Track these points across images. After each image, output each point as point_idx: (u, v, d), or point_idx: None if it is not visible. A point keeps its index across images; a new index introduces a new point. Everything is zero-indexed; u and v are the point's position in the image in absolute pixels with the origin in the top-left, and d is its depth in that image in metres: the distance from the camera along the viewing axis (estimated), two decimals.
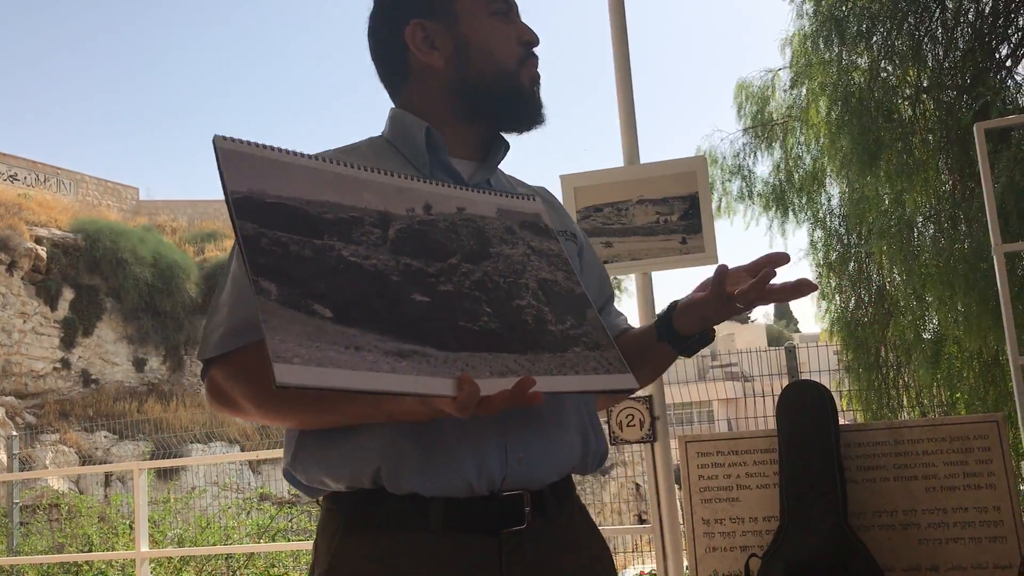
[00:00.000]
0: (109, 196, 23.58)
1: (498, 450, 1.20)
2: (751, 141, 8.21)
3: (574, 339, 1.15)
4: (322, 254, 1.04)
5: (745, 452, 2.70)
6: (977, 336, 5.57)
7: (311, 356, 0.93)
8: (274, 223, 1.03)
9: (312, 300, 0.99)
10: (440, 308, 1.07)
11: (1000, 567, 2.40)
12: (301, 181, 1.09)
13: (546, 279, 1.21)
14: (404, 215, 1.14)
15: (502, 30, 1.38)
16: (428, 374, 0.99)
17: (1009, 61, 6.25)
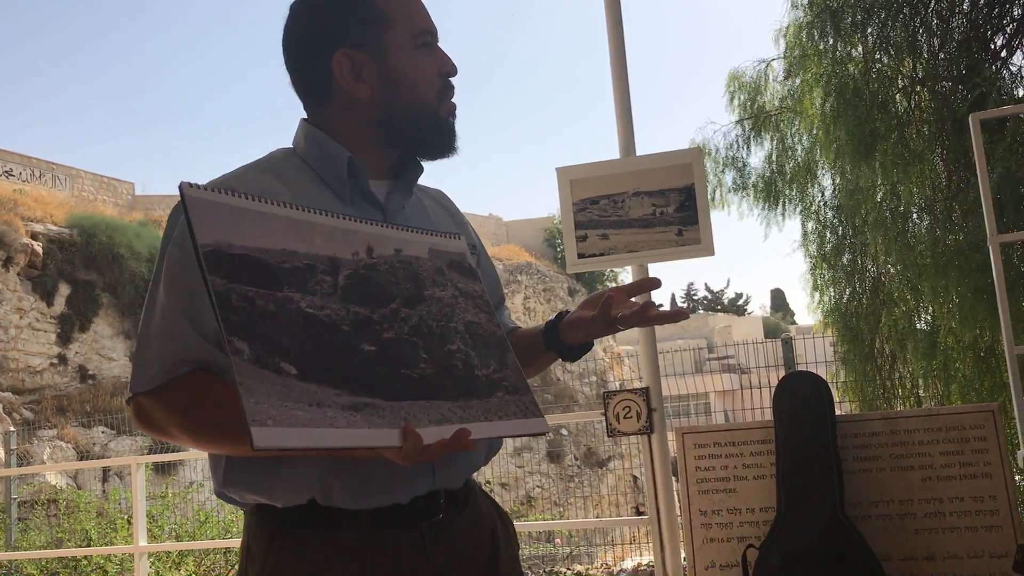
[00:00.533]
0: (105, 191, 23.53)
1: (426, 471, 1.34)
2: (744, 132, 8.20)
3: (496, 384, 1.24)
4: (283, 307, 1.09)
5: (742, 443, 2.71)
6: (972, 326, 5.58)
7: (282, 417, 0.99)
8: (240, 277, 1.07)
9: (279, 358, 1.04)
10: (385, 357, 1.14)
11: (996, 555, 2.41)
12: (259, 229, 1.13)
13: (471, 322, 1.29)
14: (350, 259, 1.19)
15: (426, 64, 1.42)
16: (378, 426, 1.06)
17: (1004, 52, 6.24)
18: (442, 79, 1.44)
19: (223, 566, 8.39)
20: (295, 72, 1.45)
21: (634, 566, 8.37)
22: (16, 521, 10.45)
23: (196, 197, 1.09)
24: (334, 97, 1.42)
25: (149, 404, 1.29)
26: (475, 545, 1.42)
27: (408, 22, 1.42)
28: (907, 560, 2.48)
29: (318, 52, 1.40)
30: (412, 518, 1.33)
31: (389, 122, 1.42)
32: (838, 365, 7.94)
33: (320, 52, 1.39)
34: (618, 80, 3.09)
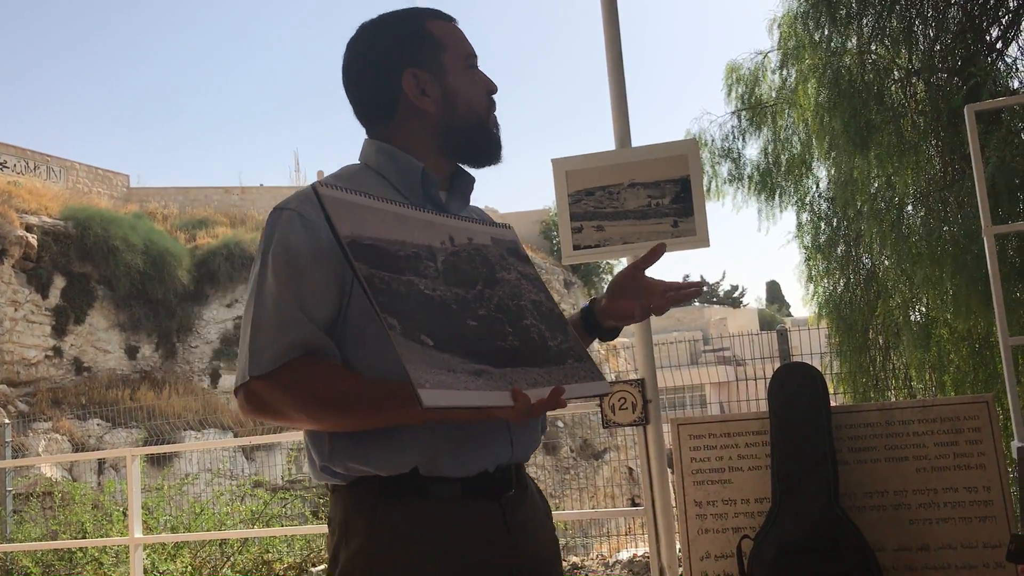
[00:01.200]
0: (99, 183, 23.46)
1: (506, 442, 1.51)
2: (740, 124, 8.19)
3: (566, 353, 1.39)
4: (410, 288, 1.24)
5: (737, 434, 2.71)
6: (966, 318, 5.58)
7: (435, 381, 1.15)
8: (375, 263, 1.23)
9: (419, 332, 1.19)
10: (485, 330, 1.29)
11: (990, 546, 2.42)
12: (378, 222, 1.29)
13: (535, 300, 1.43)
14: (440, 247, 1.35)
15: (475, 81, 1.64)
16: (492, 389, 1.21)
17: (1000, 43, 6.24)
18: (488, 96, 1.65)
19: (218, 558, 8.39)
20: (366, 90, 1.63)
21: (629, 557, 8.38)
22: (11, 513, 10.43)
23: (330, 195, 1.25)
24: (400, 112, 1.60)
25: (264, 388, 1.40)
26: (537, 522, 1.60)
27: (459, 46, 1.64)
28: (901, 551, 2.49)
29: (389, 71, 1.59)
30: (494, 490, 1.50)
31: (448, 133, 1.60)
32: (832, 357, 7.95)
33: (391, 71, 1.59)
34: (614, 72, 3.09)
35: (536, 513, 1.61)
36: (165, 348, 17.23)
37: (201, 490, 10.57)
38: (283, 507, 9.19)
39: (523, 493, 1.58)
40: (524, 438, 1.56)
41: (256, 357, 1.40)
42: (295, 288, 1.41)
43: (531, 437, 1.58)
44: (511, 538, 1.50)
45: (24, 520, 10.16)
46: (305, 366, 1.39)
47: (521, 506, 1.56)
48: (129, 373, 16.57)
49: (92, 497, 9.73)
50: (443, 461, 1.44)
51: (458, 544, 1.44)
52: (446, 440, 1.43)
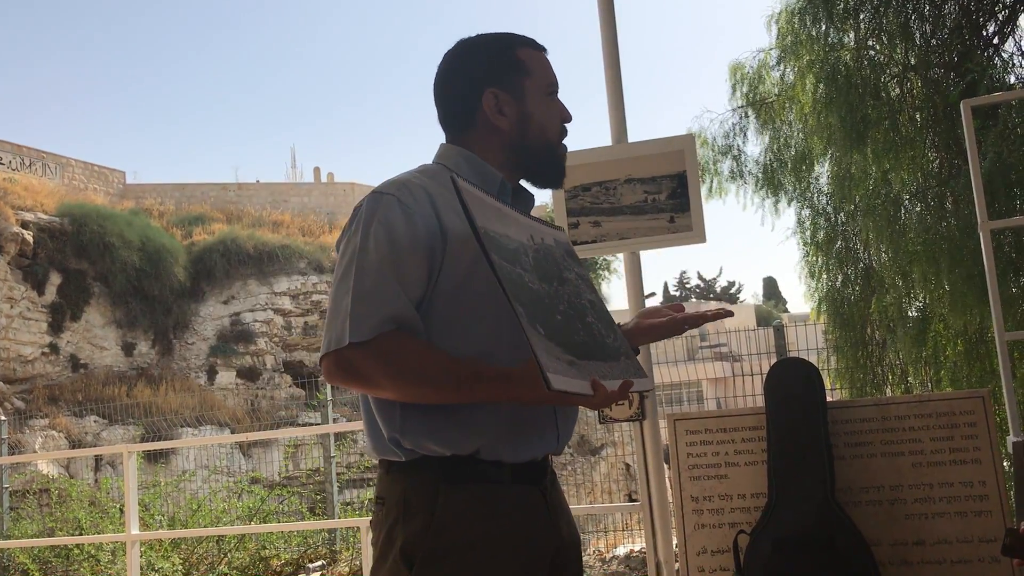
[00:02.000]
0: (96, 180, 23.43)
1: (553, 432, 1.64)
2: (741, 121, 8.19)
3: (620, 350, 1.50)
4: (521, 279, 1.35)
5: (733, 430, 2.71)
6: (962, 313, 5.59)
7: (553, 366, 1.26)
8: (499, 254, 1.34)
9: (535, 320, 1.30)
10: (567, 324, 1.39)
11: (985, 541, 2.42)
12: (492, 216, 1.41)
13: (591, 300, 1.53)
14: (528, 244, 1.46)
15: (552, 109, 1.76)
16: (580, 378, 1.30)
17: (996, 38, 6.24)
18: (562, 125, 1.77)
19: (215, 554, 8.39)
20: (451, 100, 1.75)
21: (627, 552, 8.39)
22: (8, 510, 10.43)
23: (467, 188, 1.37)
24: (478, 125, 1.72)
25: (358, 356, 1.47)
26: (564, 505, 1.72)
27: (543, 74, 1.76)
28: (897, 545, 2.49)
29: (473, 88, 1.71)
30: (537, 476, 1.62)
31: (518, 151, 1.72)
32: (829, 352, 7.96)
33: (474, 88, 1.71)
34: (610, 67, 3.08)
35: (562, 498, 1.73)
36: (162, 345, 17.21)
37: (198, 487, 10.56)
38: (280, 503, 9.19)
39: (553, 479, 1.71)
40: (567, 431, 1.68)
41: (356, 324, 1.47)
42: (396, 266, 1.50)
43: (571, 431, 1.70)
44: (553, 520, 1.62)
45: (21, 517, 10.15)
46: (401, 338, 1.48)
47: (554, 491, 1.68)
48: (126, 370, 16.55)
49: (89, 494, 9.73)
50: (503, 446, 1.55)
51: (515, 527, 1.55)
52: (509, 426, 1.55)
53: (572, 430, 1.70)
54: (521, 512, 1.58)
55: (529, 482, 1.60)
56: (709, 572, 2.65)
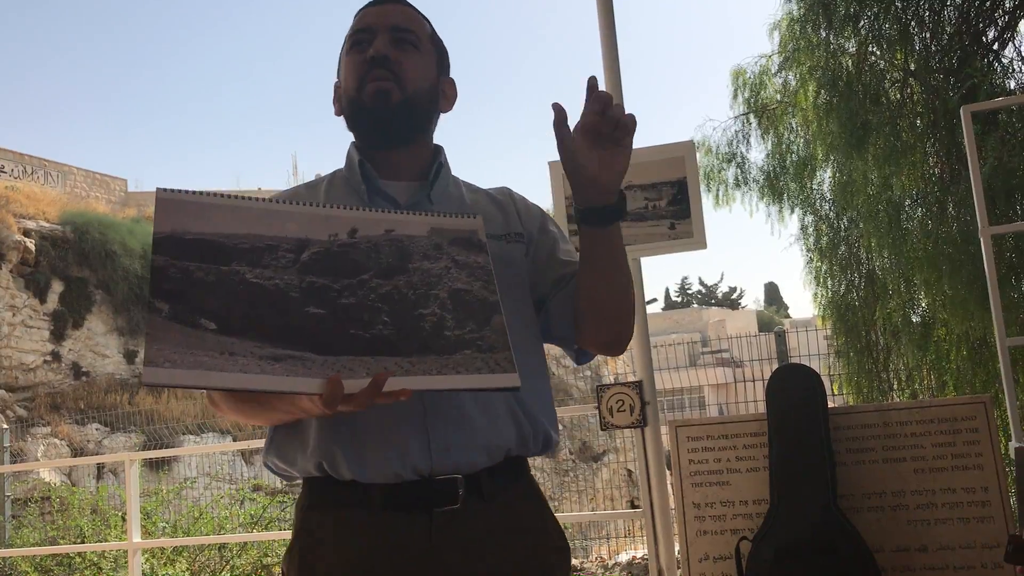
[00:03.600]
0: (97, 188, 23.47)
1: (420, 443, 1.39)
2: (744, 128, 8.20)
3: (467, 342, 1.29)
4: (225, 278, 1.23)
5: (735, 436, 2.71)
6: (965, 318, 5.59)
7: (182, 360, 1.15)
8: (187, 255, 1.23)
9: (199, 316, 1.20)
10: (333, 319, 1.25)
11: (988, 547, 2.42)
12: (226, 219, 1.28)
13: (460, 289, 1.35)
14: (324, 240, 1.31)
15: (353, 62, 1.54)
16: (299, 375, 1.18)
17: (996, 44, 6.25)
18: (364, 64, 1.52)
19: (217, 562, 8.38)
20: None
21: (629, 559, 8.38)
22: (10, 519, 10.42)
23: (164, 197, 1.28)
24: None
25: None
26: (497, 549, 1.42)
27: (351, 30, 1.58)
28: (899, 552, 2.49)
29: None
30: (423, 501, 1.39)
31: (349, 127, 1.58)
32: (833, 358, 7.95)
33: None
34: (610, 74, 3.09)
35: (509, 537, 1.44)
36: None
37: (200, 494, 10.56)
38: (282, 511, 9.17)
39: (483, 508, 1.42)
40: (460, 437, 1.41)
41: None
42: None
43: (480, 435, 1.42)
44: (439, 556, 1.38)
45: (23, 525, 10.15)
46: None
47: (472, 524, 1.40)
48: (128, 377, 16.55)
49: (91, 502, 9.72)
50: (342, 461, 1.39)
51: (370, 558, 1.38)
52: (348, 438, 1.40)
53: (479, 436, 1.42)
54: (382, 543, 1.38)
55: (408, 509, 1.39)
56: None
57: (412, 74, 1.53)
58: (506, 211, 1.63)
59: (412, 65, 1.53)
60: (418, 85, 1.54)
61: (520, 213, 1.64)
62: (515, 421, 1.46)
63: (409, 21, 1.57)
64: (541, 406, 1.52)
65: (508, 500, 1.46)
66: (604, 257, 1.47)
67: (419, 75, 1.54)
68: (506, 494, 1.46)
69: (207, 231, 1.27)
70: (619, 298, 1.50)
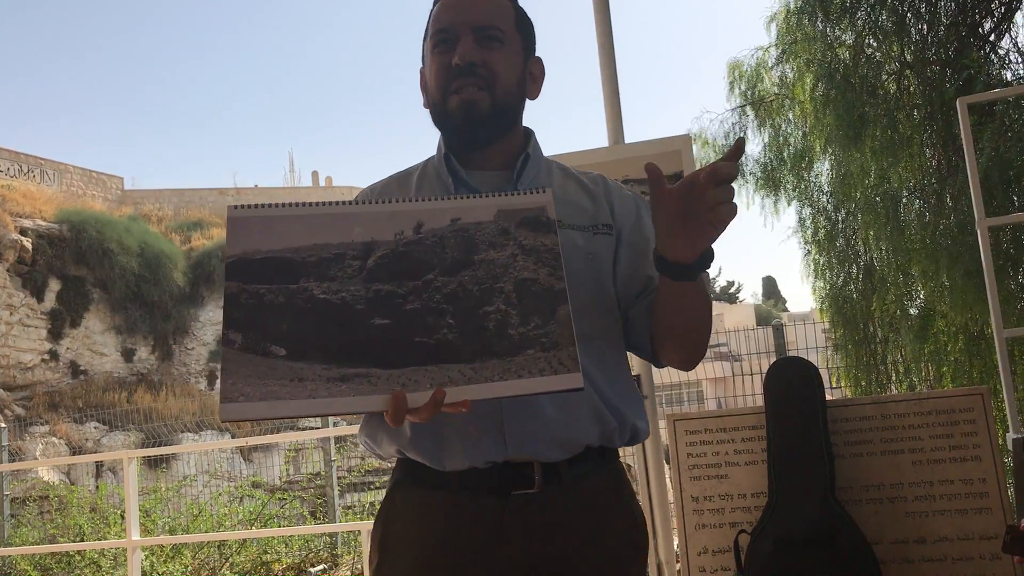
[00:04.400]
0: (94, 186, 23.43)
1: (495, 439, 1.40)
2: (741, 120, 8.19)
3: (532, 340, 1.26)
4: (293, 297, 1.25)
5: (733, 429, 2.71)
6: (962, 310, 5.59)
7: (255, 392, 1.18)
8: (258, 277, 1.25)
9: (270, 343, 1.22)
10: (398, 328, 1.25)
11: (985, 538, 2.42)
12: (294, 231, 1.29)
13: (526, 279, 1.31)
14: (391, 240, 1.30)
15: (436, 63, 1.52)
16: (365, 393, 1.20)
17: (992, 35, 6.25)
18: (449, 70, 1.49)
19: (217, 559, 8.38)
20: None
21: None
22: (9, 517, 10.42)
23: (233, 216, 1.29)
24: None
25: None
26: (568, 535, 1.43)
27: (430, 28, 1.55)
28: (898, 544, 2.49)
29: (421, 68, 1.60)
30: (500, 485, 1.41)
31: (436, 124, 1.56)
32: (831, 351, 7.96)
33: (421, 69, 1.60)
34: (606, 68, 3.08)
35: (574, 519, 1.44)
36: (161, 350, 17.22)
37: (199, 492, 10.56)
38: (281, 507, 9.19)
39: (563, 492, 1.44)
40: (521, 436, 1.41)
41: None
42: None
43: (557, 431, 1.42)
44: (510, 536, 1.40)
45: (22, 524, 10.15)
46: None
47: (550, 507, 1.42)
48: (126, 376, 16.55)
49: (90, 500, 9.73)
50: (419, 452, 1.44)
51: (443, 536, 1.42)
52: (422, 430, 1.42)
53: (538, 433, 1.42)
54: (457, 522, 1.42)
55: (485, 492, 1.42)
56: (710, 572, 2.65)
57: (503, 76, 1.50)
58: (597, 200, 1.59)
59: (502, 66, 1.50)
60: (508, 86, 1.51)
61: (613, 204, 1.59)
62: (597, 415, 1.45)
63: (491, 15, 1.52)
64: (625, 397, 1.50)
65: (589, 488, 1.46)
66: (679, 299, 1.41)
67: (509, 74, 1.52)
68: (587, 482, 1.46)
69: (276, 247, 1.27)
70: (695, 330, 1.49)
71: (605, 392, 1.46)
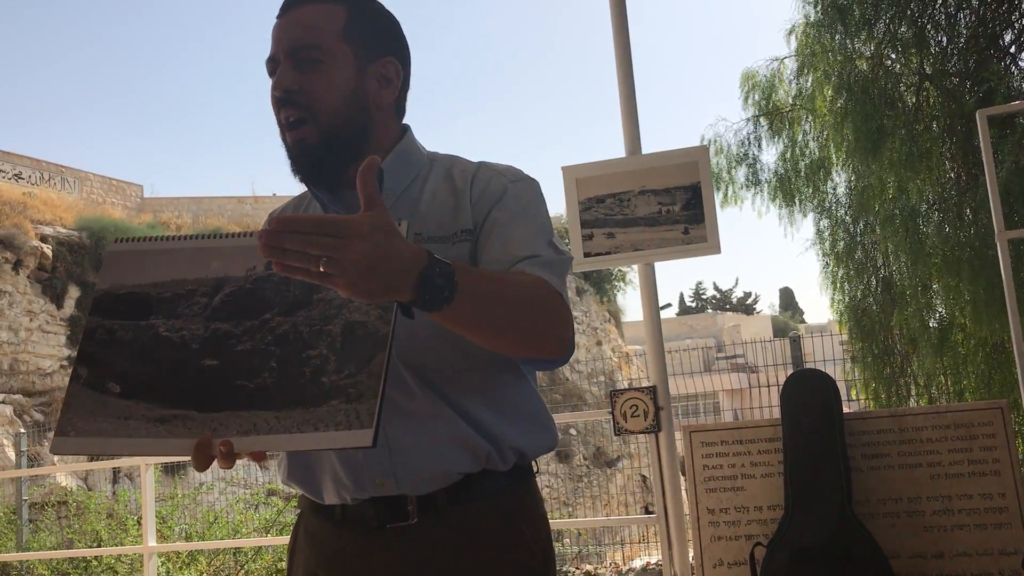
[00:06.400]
0: (113, 194, 23.62)
1: (363, 475, 1.38)
2: (756, 129, 8.18)
3: (339, 390, 1.17)
4: (140, 334, 1.24)
5: (749, 441, 2.70)
6: (983, 323, 5.56)
7: (86, 428, 1.20)
8: (115, 313, 1.26)
9: (109, 379, 1.23)
10: (225, 369, 1.21)
11: (1005, 553, 2.40)
12: (159, 266, 1.28)
13: (355, 322, 1.22)
14: (241, 276, 1.25)
15: (272, 97, 1.42)
16: (180, 436, 1.18)
17: (1013, 47, 6.22)
18: (275, 103, 1.41)
19: (232, 567, 8.40)
20: None
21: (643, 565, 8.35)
22: (27, 522, 10.48)
23: (108, 251, 1.30)
24: None
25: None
26: (446, 565, 1.37)
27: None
28: (916, 558, 2.47)
29: None
30: (374, 519, 1.39)
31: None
32: (849, 363, 7.92)
33: None
34: (623, 78, 3.09)
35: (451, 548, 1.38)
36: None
37: (215, 498, 10.59)
38: (296, 515, 9.20)
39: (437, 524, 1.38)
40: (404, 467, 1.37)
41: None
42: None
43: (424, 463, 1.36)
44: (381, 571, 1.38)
45: (40, 529, 10.21)
46: None
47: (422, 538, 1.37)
48: None
49: (107, 506, 9.77)
50: (297, 485, 1.48)
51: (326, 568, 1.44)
52: (300, 464, 1.46)
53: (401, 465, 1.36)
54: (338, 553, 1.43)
55: (361, 524, 1.40)
56: None
57: (323, 98, 1.39)
58: (461, 201, 1.45)
59: (321, 87, 1.39)
60: (333, 107, 1.39)
61: (473, 201, 1.44)
62: (462, 443, 1.37)
63: (308, 32, 1.40)
64: (508, 417, 1.41)
65: (472, 518, 1.39)
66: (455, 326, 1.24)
67: (331, 94, 1.40)
68: (470, 511, 1.39)
69: (139, 282, 1.27)
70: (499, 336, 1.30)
71: (476, 416, 1.38)
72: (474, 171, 1.48)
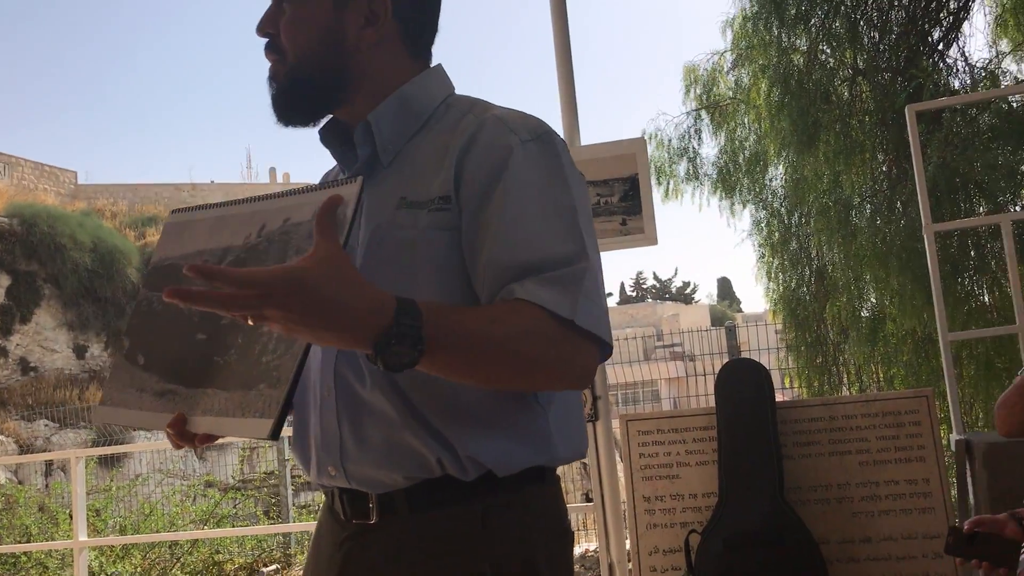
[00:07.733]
0: (46, 180, 23.05)
1: (317, 460, 1.32)
2: (696, 123, 8.25)
3: (267, 373, 1.08)
4: (166, 307, 1.23)
5: (684, 430, 2.74)
6: (911, 314, 5.69)
7: (118, 399, 1.25)
8: (156, 285, 1.27)
9: (138, 351, 1.26)
10: (209, 344, 1.16)
11: (929, 537, 2.47)
12: (191, 236, 1.27)
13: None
14: (240, 245, 1.18)
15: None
16: (170, 411, 1.17)
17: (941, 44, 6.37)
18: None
19: (168, 559, 8.29)
20: None
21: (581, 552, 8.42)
22: None
23: (170, 222, 1.31)
24: None
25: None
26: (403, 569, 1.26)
27: None
28: (844, 543, 2.53)
29: None
30: (342, 511, 1.32)
31: None
32: (784, 352, 8.05)
33: None
34: (562, 69, 3.10)
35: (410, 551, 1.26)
36: (115, 347, 16.96)
37: (152, 491, 10.42)
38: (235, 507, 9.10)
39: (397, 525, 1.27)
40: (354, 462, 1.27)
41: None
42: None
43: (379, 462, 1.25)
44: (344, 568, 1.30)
45: None
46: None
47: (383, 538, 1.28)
48: (78, 373, 16.29)
49: (38, 500, 9.56)
50: (294, 455, 1.40)
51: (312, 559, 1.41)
52: (295, 436, 1.38)
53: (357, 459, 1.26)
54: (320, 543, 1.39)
55: (335, 516, 1.34)
56: (661, 571, 2.68)
57: (294, 38, 1.31)
58: (445, 162, 1.26)
59: (291, 28, 1.31)
60: (303, 48, 1.31)
61: (464, 165, 1.24)
62: (408, 445, 1.23)
63: None
64: (469, 425, 1.23)
65: (430, 519, 1.25)
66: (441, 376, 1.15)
67: (302, 33, 1.31)
68: (432, 516, 1.25)
69: (176, 254, 1.27)
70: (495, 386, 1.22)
71: (427, 418, 1.22)
72: (476, 127, 1.26)
